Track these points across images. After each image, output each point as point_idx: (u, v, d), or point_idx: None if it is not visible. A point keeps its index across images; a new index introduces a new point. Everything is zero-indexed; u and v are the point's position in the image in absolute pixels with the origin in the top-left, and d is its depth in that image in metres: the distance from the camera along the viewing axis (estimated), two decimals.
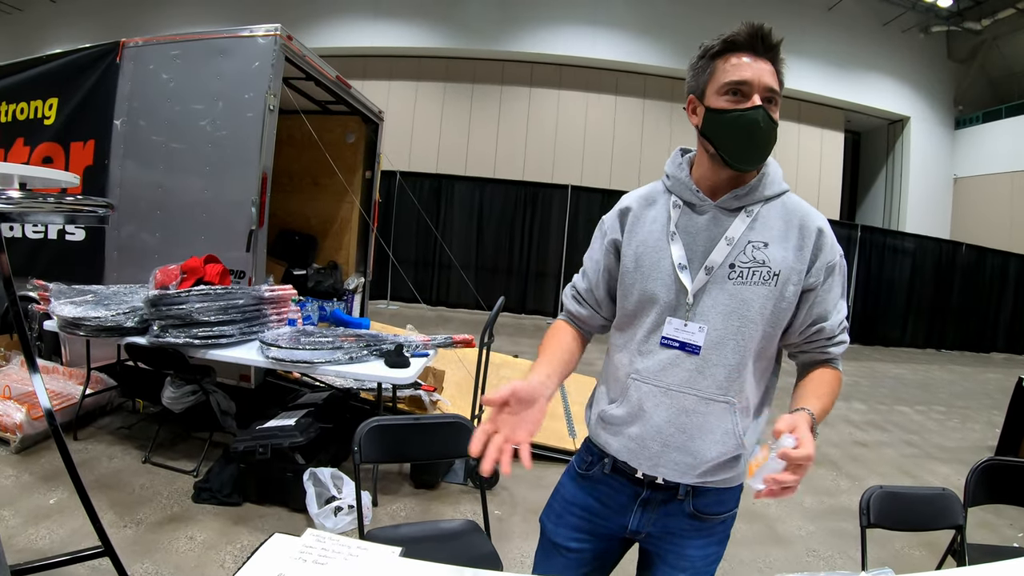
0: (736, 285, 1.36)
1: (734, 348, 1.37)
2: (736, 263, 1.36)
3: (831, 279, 1.41)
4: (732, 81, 1.32)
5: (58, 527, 3.03)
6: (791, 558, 3.49)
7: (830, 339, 1.44)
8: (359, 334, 3.79)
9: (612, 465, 1.51)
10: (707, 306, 1.37)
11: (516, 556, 3.22)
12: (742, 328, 1.36)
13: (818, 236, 1.39)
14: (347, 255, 6.97)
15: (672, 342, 1.39)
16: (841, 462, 5.25)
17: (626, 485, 1.50)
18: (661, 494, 1.47)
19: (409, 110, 15.13)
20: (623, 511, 1.51)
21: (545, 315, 12.47)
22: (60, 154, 4.81)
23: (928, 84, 16.84)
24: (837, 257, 1.41)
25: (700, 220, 1.41)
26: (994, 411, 7.34)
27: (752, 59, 1.33)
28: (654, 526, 1.49)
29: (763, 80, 1.31)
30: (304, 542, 1.38)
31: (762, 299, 1.36)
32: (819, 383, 1.43)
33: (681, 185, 1.44)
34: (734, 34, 1.34)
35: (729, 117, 1.33)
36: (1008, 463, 2.49)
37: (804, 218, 1.40)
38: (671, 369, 1.39)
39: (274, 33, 4.25)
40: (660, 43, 14.60)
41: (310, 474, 3.36)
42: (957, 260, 14.11)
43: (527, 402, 1.31)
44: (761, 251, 1.36)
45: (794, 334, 1.43)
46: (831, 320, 1.42)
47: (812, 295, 1.39)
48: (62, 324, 3.69)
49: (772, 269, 1.36)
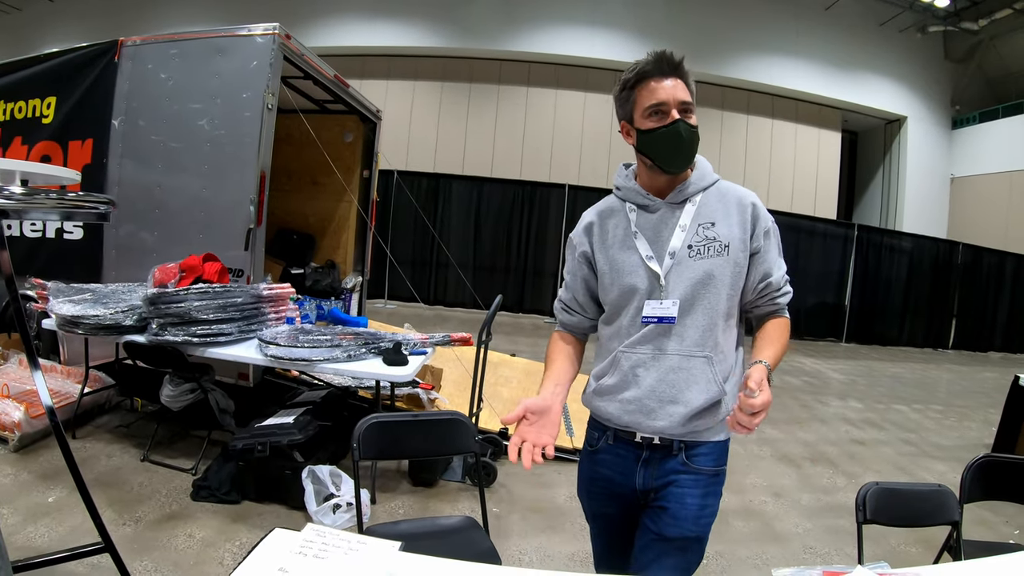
0: (697, 260, 1.63)
1: (703, 311, 1.63)
2: (692, 243, 1.64)
3: (768, 241, 1.69)
4: (652, 104, 1.61)
5: (57, 525, 3.03)
6: (788, 555, 3.50)
7: (778, 291, 1.71)
8: (357, 332, 3.80)
9: (614, 435, 1.75)
10: (676, 283, 1.63)
11: (514, 553, 3.23)
12: (707, 294, 1.63)
13: (753, 209, 1.68)
14: (345, 254, 6.98)
15: (651, 319, 1.64)
16: (838, 460, 5.26)
17: (629, 450, 1.72)
18: (659, 452, 1.69)
19: (407, 109, 15.14)
20: (630, 473, 1.72)
21: (542, 314, 12.47)
22: (58, 153, 4.81)
23: (925, 84, 16.87)
24: (770, 223, 1.70)
25: (654, 217, 1.69)
26: (991, 409, 7.35)
27: (663, 81, 1.61)
28: (656, 480, 1.70)
29: (677, 96, 1.60)
30: (304, 536, 1.39)
31: (720, 267, 1.63)
32: (771, 332, 1.69)
33: (633, 192, 1.73)
34: (644, 64, 1.63)
35: (657, 134, 1.62)
36: (1004, 460, 2.50)
37: (739, 197, 1.69)
38: (656, 338, 1.65)
39: (272, 32, 4.26)
40: (657, 43, 14.06)
41: (309, 472, 3.37)
42: (954, 259, 14.12)
43: (542, 412, 1.60)
44: (710, 229, 1.65)
45: (749, 292, 1.70)
46: (775, 275, 1.69)
47: (758, 257, 1.68)
48: (60, 322, 3.70)
49: (722, 242, 1.64)
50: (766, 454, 5.18)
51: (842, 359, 11.23)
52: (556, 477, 4.19)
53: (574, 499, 3.73)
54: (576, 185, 12.67)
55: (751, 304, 1.73)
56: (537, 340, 9.85)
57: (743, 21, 14.53)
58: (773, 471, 4.82)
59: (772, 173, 15.72)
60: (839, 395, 8.05)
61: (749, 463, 4.92)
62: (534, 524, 3.58)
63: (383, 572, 1.31)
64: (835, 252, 12.95)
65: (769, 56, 14.86)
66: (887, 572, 1.48)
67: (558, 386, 1.74)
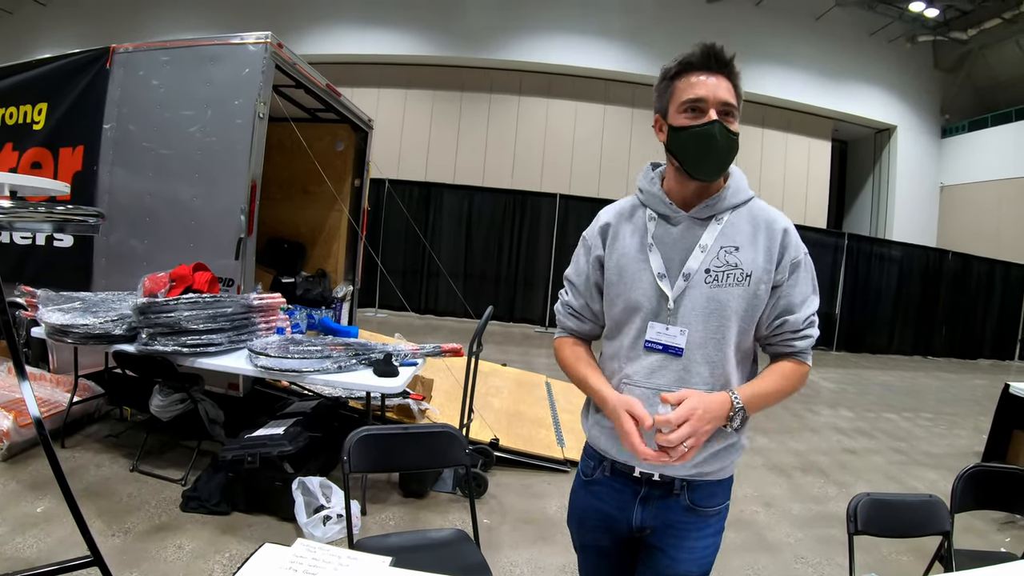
0: (712, 288, 1.47)
1: (716, 346, 1.48)
2: (711, 268, 1.47)
3: (796, 275, 1.51)
4: (689, 99, 1.43)
5: (45, 536, 3.00)
6: (779, 565, 3.51)
7: (795, 332, 1.53)
8: (348, 343, 3.79)
9: (612, 467, 1.61)
10: (687, 310, 1.48)
11: (505, 565, 3.22)
12: (721, 327, 1.47)
13: (783, 236, 1.51)
14: (336, 263, 6.97)
15: (655, 345, 1.49)
16: (829, 469, 5.27)
17: (626, 484, 1.59)
18: (658, 490, 1.56)
19: (398, 118, 15.13)
20: (627, 509, 1.60)
21: (533, 323, 12.48)
22: (49, 159, 4.79)
23: (915, 93, 16.99)
24: (802, 255, 1.53)
25: (675, 231, 1.52)
26: (981, 417, 7.38)
27: (707, 77, 1.43)
28: (655, 519, 1.58)
29: (718, 95, 1.42)
30: (294, 552, 1.38)
31: (737, 299, 1.47)
32: (769, 371, 1.56)
33: (654, 198, 1.56)
34: (689, 55, 1.45)
35: (688, 133, 1.44)
36: (994, 469, 2.52)
37: (770, 221, 1.52)
38: (659, 372, 1.49)
39: (264, 41, 4.26)
40: (649, 52, 14.66)
41: (299, 483, 3.35)
42: (944, 268, 14.22)
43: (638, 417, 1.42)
44: (733, 255, 1.48)
45: (762, 327, 1.54)
46: (796, 314, 1.51)
47: (779, 291, 1.50)
48: (50, 331, 3.67)
49: (744, 271, 1.47)
50: (757, 463, 5.18)
51: (832, 368, 11.26)
52: (547, 488, 4.18)
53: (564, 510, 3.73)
54: (567, 194, 12.68)
55: (764, 340, 1.58)
56: (528, 350, 9.85)
57: (734, 31, 14.55)
58: (764, 481, 4.83)
59: (762, 182, 15.76)
60: (829, 404, 8.07)
61: (740, 473, 4.88)
62: (525, 535, 3.57)
63: None
64: (825, 261, 12.94)
65: (760, 66, 14.92)
66: None
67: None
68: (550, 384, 6.72)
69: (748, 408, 1.45)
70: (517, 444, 4.55)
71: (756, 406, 1.48)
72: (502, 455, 4.42)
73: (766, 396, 1.50)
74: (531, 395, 6.17)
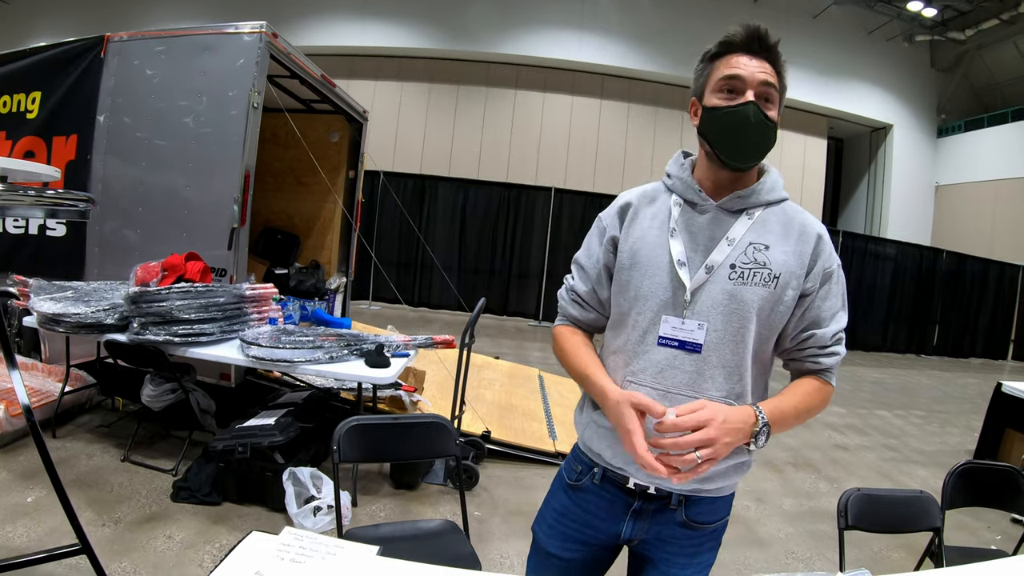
0: (736, 285, 1.34)
1: (734, 349, 1.35)
2: (737, 264, 1.34)
3: (827, 286, 1.40)
4: (725, 76, 1.33)
5: (36, 525, 2.99)
6: (770, 559, 3.52)
7: (822, 348, 1.42)
8: (340, 334, 3.78)
9: (602, 475, 1.49)
10: (706, 305, 1.35)
11: (495, 557, 3.22)
12: (741, 329, 1.34)
13: (817, 242, 1.39)
14: (329, 255, 6.94)
15: (670, 341, 1.36)
16: (821, 465, 5.29)
17: (617, 496, 1.48)
18: (653, 504, 1.45)
19: (394, 110, 15.12)
20: (615, 521, 1.49)
21: (526, 317, 12.48)
22: (42, 148, 4.76)
23: (911, 92, 17.03)
24: (835, 265, 1.41)
25: (701, 219, 1.39)
26: (972, 416, 7.42)
27: (749, 59, 1.34)
28: (647, 533, 1.48)
29: (756, 77, 1.32)
30: (282, 540, 1.37)
31: (761, 300, 1.34)
32: (795, 388, 1.42)
33: (684, 184, 1.43)
34: (731, 35, 1.35)
35: (721, 113, 1.33)
36: (985, 466, 2.53)
37: (804, 224, 1.40)
38: (669, 371, 1.36)
39: (259, 30, 4.23)
40: (645, 48, 14.69)
41: (289, 474, 3.35)
42: (938, 267, 14.27)
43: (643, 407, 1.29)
44: (762, 253, 1.35)
45: (787, 339, 1.42)
46: (825, 328, 1.40)
47: (807, 300, 1.38)
48: (42, 320, 3.65)
49: (773, 271, 1.34)
50: None
51: None
52: (538, 480, 4.19)
53: None
54: (562, 188, 12.65)
55: (787, 354, 1.45)
56: (521, 343, 9.86)
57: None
58: (756, 476, 4.83)
59: None
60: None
61: None
62: (515, 528, 3.57)
63: None
64: None
65: None
66: None
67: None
68: (543, 377, 6.72)
69: (772, 426, 1.31)
70: (509, 437, 4.55)
71: (779, 425, 1.33)
72: (494, 447, 4.42)
73: (789, 414, 1.36)
74: (524, 388, 6.17)
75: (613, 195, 1.59)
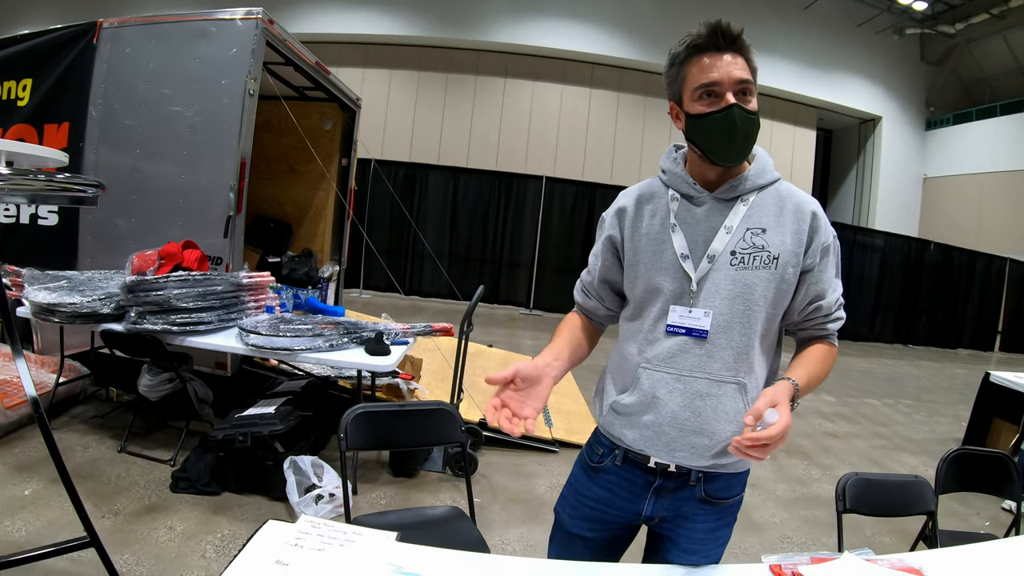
0: (739, 271, 1.41)
1: (740, 331, 1.42)
2: (737, 250, 1.42)
3: (826, 259, 1.47)
4: (703, 84, 1.37)
5: (35, 519, 2.97)
6: (766, 544, 3.55)
7: (827, 316, 1.50)
8: (338, 322, 3.77)
9: (624, 456, 1.55)
10: (711, 292, 1.42)
11: (496, 543, 3.24)
12: (747, 311, 1.41)
13: (812, 219, 1.45)
14: (322, 243, 6.91)
15: (678, 329, 1.44)
16: (812, 452, 5.34)
17: (638, 475, 1.54)
18: (673, 481, 1.52)
19: (383, 98, 15.03)
20: (636, 500, 1.55)
21: (517, 305, 12.48)
22: (34, 136, 4.70)
23: (900, 85, 17.13)
24: (831, 239, 1.49)
25: (699, 211, 1.46)
26: (960, 405, 7.51)
27: (717, 56, 1.37)
28: (667, 510, 1.55)
29: (732, 75, 1.35)
30: (299, 528, 1.38)
31: (764, 282, 1.41)
32: (811, 355, 1.50)
33: (678, 179, 1.50)
34: (696, 36, 1.38)
35: (707, 121, 1.38)
36: (977, 453, 2.59)
37: (798, 203, 1.46)
38: (680, 356, 1.44)
39: (255, 16, 4.20)
40: (635, 37, 14.66)
41: (290, 462, 3.35)
42: (925, 258, 14.37)
43: (532, 381, 1.40)
44: (760, 236, 1.42)
45: (794, 313, 1.50)
46: (828, 298, 1.48)
47: (810, 275, 1.45)
48: (36, 310, 3.61)
49: (771, 253, 1.41)
50: None
51: None
52: (536, 468, 4.21)
53: (554, 489, 3.75)
54: (552, 177, 12.60)
55: (795, 326, 1.54)
56: (513, 331, 9.89)
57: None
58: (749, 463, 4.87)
59: None
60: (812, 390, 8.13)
61: None
62: (515, 515, 3.59)
63: (383, 563, 1.30)
64: None
65: None
66: (872, 558, 1.51)
67: (556, 360, 1.52)
68: None
69: (800, 392, 1.40)
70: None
71: (805, 391, 1.42)
72: (491, 435, 4.43)
73: (813, 380, 1.46)
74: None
75: (603, 184, 1.65)
